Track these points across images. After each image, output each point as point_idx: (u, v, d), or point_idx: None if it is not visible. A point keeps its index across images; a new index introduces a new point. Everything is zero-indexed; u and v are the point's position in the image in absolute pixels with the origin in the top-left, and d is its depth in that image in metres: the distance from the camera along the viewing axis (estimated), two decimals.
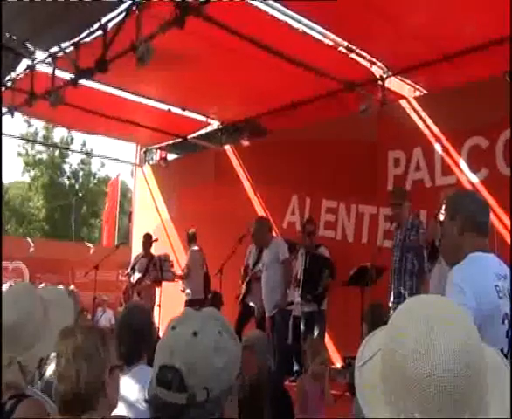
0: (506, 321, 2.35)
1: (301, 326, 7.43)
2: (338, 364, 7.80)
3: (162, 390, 1.17)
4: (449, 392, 1.01)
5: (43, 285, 9.23)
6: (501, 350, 2.25)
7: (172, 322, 1.25)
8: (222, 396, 1.19)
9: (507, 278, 2.44)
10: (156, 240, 9.48)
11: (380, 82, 7.83)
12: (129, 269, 9.22)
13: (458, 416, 1.02)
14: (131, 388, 2.79)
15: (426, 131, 7.45)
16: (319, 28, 6.83)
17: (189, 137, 11.20)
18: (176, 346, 1.18)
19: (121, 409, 2.56)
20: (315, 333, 7.19)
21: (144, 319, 3.02)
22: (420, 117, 7.55)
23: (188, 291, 9.02)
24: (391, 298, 5.99)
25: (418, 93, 8.04)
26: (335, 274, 7.36)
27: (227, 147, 10.68)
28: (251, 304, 7.83)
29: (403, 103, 7.90)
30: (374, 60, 7.47)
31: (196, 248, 9.16)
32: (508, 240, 6.22)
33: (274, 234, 8.00)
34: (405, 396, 1.04)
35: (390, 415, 1.08)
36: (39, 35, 6.79)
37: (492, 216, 5.19)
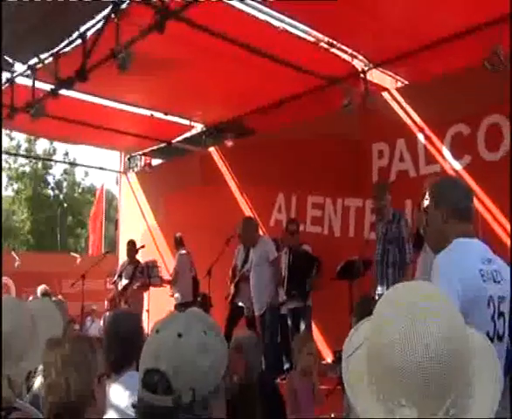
0: (491, 304, 2.37)
1: (289, 323, 7.47)
2: (329, 359, 7.84)
3: (148, 394, 1.16)
4: (433, 378, 1.02)
5: (31, 298, 9.15)
6: (487, 333, 2.28)
7: (156, 326, 1.23)
8: (209, 397, 1.18)
9: (491, 262, 2.47)
10: (143, 246, 9.47)
11: (362, 75, 7.89)
12: (116, 276, 9.21)
13: (442, 401, 1.03)
14: (120, 395, 2.78)
15: (409, 121, 7.51)
16: (299, 25, 6.86)
17: (173, 141, 11.19)
18: (160, 350, 1.17)
19: (111, 417, 2.57)
20: (302, 328, 7.24)
21: (132, 326, 3.00)
22: (402, 108, 7.61)
23: (177, 295, 8.98)
24: (376, 291, 6.05)
25: (399, 85, 8.10)
26: (321, 271, 7.42)
27: (212, 149, 10.68)
28: (240, 304, 7.85)
29: (385, 95, 7.96)
30: (355, 54, 7.51)
31: (183, 252, 9.14)
32: (494, 225, 6.32)
33: (261, 233, 8.03)
34: (391, 384, 1.05)
35: (376, 404, 1.09)
36: (18, 47, 6.74)
37: (476, 202, 5.27)
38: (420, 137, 7.38)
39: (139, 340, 2.92)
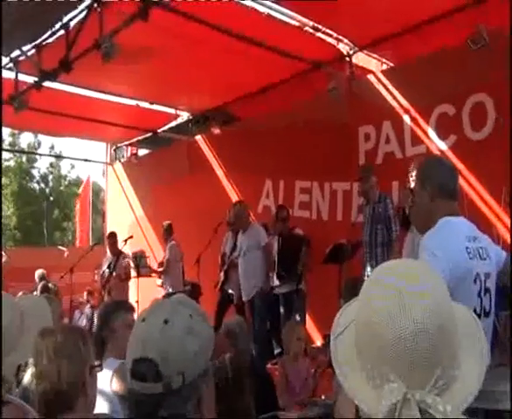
0: (477, 281, 2.41)
1: (281, 308, 7.51)
2: (318, 342, 7.90)
3: (137, 383, 1.16)
4: (420, 352, 1.04)
5: (20, 293, 9.14)
6: (474, 309, 2.32)
7: (141, 315, 1.24)
8: (198, 380, 1.19)
9: (476, 239, 2.51)
10: (131, 237, 9.42)
11: (347, 58, 7.89)
12: (101, 270, 9.22)
13: (431, 374, 1.05)
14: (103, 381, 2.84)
15: (395, 104, 7.53)
16: (284, 10, 6.84)
17: (159, 131, 11.14)
18: (147, 338, 1.17)
19: (101, 406, 2.59)
20: (295, 313, 7.26)
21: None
22: (388, 90, 7.62)
23: (167, 285, 8.95)
24: (366, 272, 6.11)
25: (385, 67, 8.12)
26: (310, 250, 7.47)
27: (198, 137, 10.64)
28: (230, 291, 7.87)
29: (370, 78, 7.97)
30: (340, 37, 7.52)
31: (174, 242, 9.11)
32: (479, 204, 6.39)
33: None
34: (380, 361, 1.07)
35: (365, 381, 1.11)
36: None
37: (461, 181, 5.32)
38: (406, 119, 7.41)
39: None
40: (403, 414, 1.01)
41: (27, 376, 2.55)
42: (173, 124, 10.84)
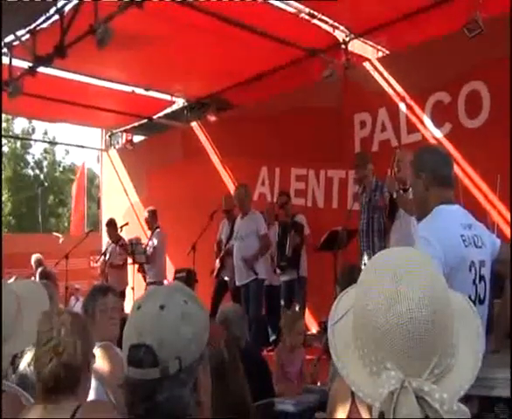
0: (473, 269, 2.44)
1: (281, 296, 7.53)
2: (314, 329, 7.94)
3: (134, 370, 1.17)
4: (417, 339, 1.05)
5: (13, 278, 9.15)
6: (469, 297, 2.34)
7: (136, 302, 1.24)
8: (194, 365, 1.20)
9: (471, 227, 2.53)
10: (127, 224, 9.41)
11: (343, 46, 7.88)
12: (101, 256, 9.22)
13: (428, 361, 1.06)
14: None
15: (390, 91, 7.53)
16: None
17: (154, 117, 11.10)
18: (143, 324, 1.18)
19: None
20: (295, 302, 7.27)
21: None
22: (384, 78, 7.62)
23: (151, 274, 8.76)
24: (362, 260, 6.10)
25: (380, 54, 8.11)
26: (301, 232, 7.48)
27: (194, 124, 10.62)
28: (226, 278, 7.88)
29: (366, 65, 7.96)
30: (336, 24, 7.50)
31: (160, 230, 9.09)
32: (474, 191, 6.42)
33: None
34: (376, 348, 1.08)
35: (362, 368, 1.12)
36: None
37: (456, 169, 5.34)
38: (402, 106, 7.41)
39: None
40: (400, 401, 1.02)
41: (23, 363, 2.56)
42: (168, 110, 10.80)
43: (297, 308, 6.91)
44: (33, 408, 1.86)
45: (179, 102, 10.54)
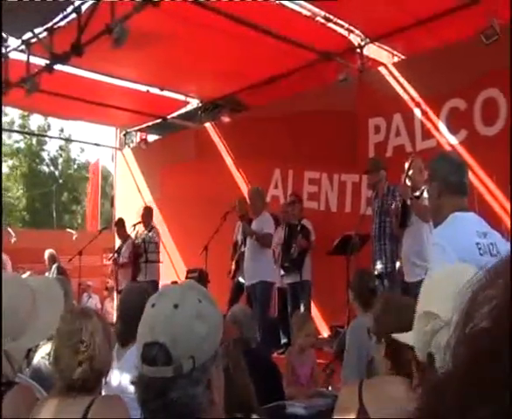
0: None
1: (288, 299, 7.52)
2: (325, 333, 7.91)
3: (147, 368, 1.18)
4: None
5: (28, 273, 9.22)
6: None
7: (151, 300, 1.25)
8: (208, 364, 1.21)
9: (487, 235, 2.50)
10: (140, 222, 9.43)
11: (358, 50, 7.85)
12: (114, 254, 9.25)
13: None
14: (122, 374, 2.85)
15: (406, 96, 7.50)
16: None
17: (168, 117, 11.14)
18: (157, 322, 1.19)
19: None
20: (301, 304, 7.26)
21: (140, 301, 3.03)
22: (399, 83, 7.59)
23: (146, 274, 8.54)
24: (375, 265, 6.08)
25: (396, 59, 8.07)
26: (310, 238, 7.47)
27: (207, 124, 10.64)
28: (241, 280, 7.87)
29: (381, 70, 7.93)
30: (352, 28, 7.48)
31: (155, 228, 9.09)
32: (489, 199, 6.36)
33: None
34: None
35: None
36: (12, 22, 6.66)
37: (471, 176, 5.29)
38: (417, 112, 7.37)
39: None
40: None
41: (37, 357, 2.57)
42: (182, 111, 10.84)
43: (302, 310, 6.92)
44: (47, 401, 1.88)
45: (193, 103, 10.58)
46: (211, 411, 1.23)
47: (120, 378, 2.87)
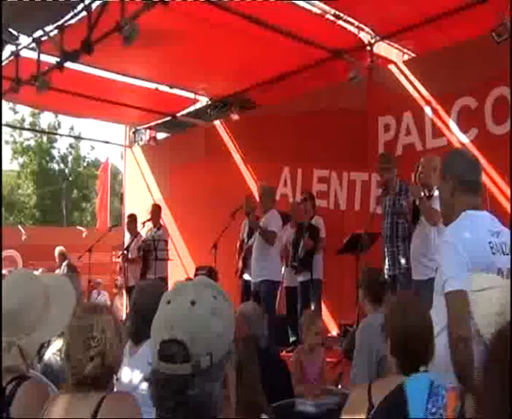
0: (500, 276, 2.40)
1: (298, 297, 7.50)
2: (334, 332, 7.90)
3: (165, 365, 1.17)
4: None
5: (40, 270, 9.28)
6: None
7: (165, 297, 1.24)
8: (224, 360, 1.21)
9: (500, 235, 2.48)
10: (150, 220, 9.44)
11: (368, 48, 7.82)
12: (124, 251, 9.28)
13: None
14: (134, 371, 2.86)
15: (416, 94, 7.46)
16: None
17: (178, 115, 11.15)
18: (175, 319, 1.19)
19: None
20: (311, 303, 7.23)
21: (154, 299, 3.02)
22: (409, 81, 7.55)
23: (155, 270, 8.51)
24: (387, 266, 5.99)
25: (406, 57, 8.03)
26: (316, 236, 7.43)
27: (217, 122, 10.64)
28: (248, 278, 7.87)
29: (392, 68, 7.89)
30: (362, 26, 7.44)
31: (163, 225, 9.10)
32: (501, 198, 6.31)
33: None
34: None
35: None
36: (22, 20, 6.70)
37: (482, 175, 5.25)
38: (427, 110, 7.34)
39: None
40: None
41: (48, 353, 2.59)
42: (192, 109, 10.84)
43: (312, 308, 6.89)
44: (59, 397, 1.89)
45: (202, 100, 10.58)
46: (226, 408, 1.24)
47: (132, 375, 2.88)
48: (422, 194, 5.11)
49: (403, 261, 5.81)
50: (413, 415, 1.58)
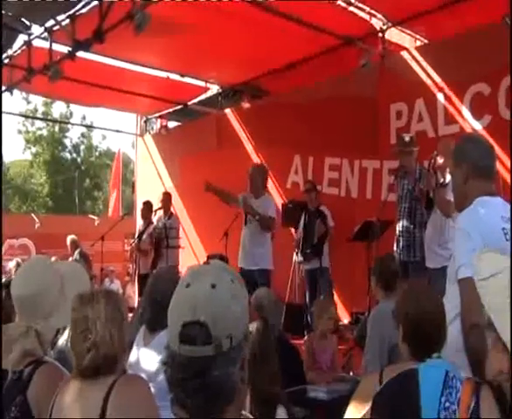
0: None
1: (307, 285, 7.49)
2: (346, 320, 7.91)
3: (187, 347, 1.18)
4: None
5: (53, 258, 9.36)
6: None
7: (184, 281, 1.25)
8: (242, 342, 1.23)
9: None
10: (161, 208, 9.46)
11: (380, 34, 7.76)
12: (136, 239, 9.33)
13: None
14: (151, 359, 2.88)
15: (428, 81, 7.40)
16: None
17: (189, 103, 11.15)
18: (196, 302, 1.19)
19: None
20: (322, 291, 7.21)
21: (170, 285, 3.02)
22: (422, 67, 7.48)
23: (170, 259, 8.52)
24: (400, 251, 5.87)
25: (418, 43, 7.96)
26: (325, 222, 7.43)
27: (228, 110, 10.63)
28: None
29: (404, 54, 7.83)
30: (373, 12, 7.39)
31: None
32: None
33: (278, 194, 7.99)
34: None
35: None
36: (35, 9, 6.72)
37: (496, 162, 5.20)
38: (440, 97, 7.28)
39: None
40: None
41: (62, 339, 2.64)
42: (203, 97, 10.83)
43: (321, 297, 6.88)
44: (71, 382, 1.92)
45: (213, 89, 10.57)
46: (242, 390, 1.26)
47: (148, 363, 2.90)
48: (435, 184, 5.05)
49: (419, 248, 5.70)
50: (425, 405, 1.57)
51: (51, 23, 7.21)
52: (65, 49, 7.39)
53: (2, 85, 7.43)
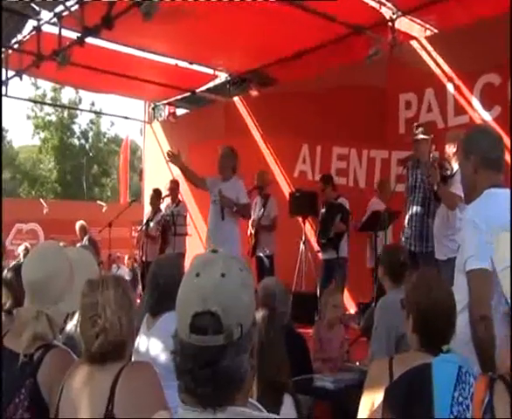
0: None
1: (322, 274, 7.48)
2: (352, 310, 7.92)
3: (197, 337, 1.19)
4: None
5: (61, 244, 9.41)
6: None
7: (193, 270, 1.25)
8: (251, 330, 1.25)
9: None
10: (169, 196, 9.47)
11: (390, 23, 7.70)
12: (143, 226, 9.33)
13: None
14: (153, 342, 2.91)
15: (438, 71, 7.36)
16: None
17: (197, 91, 11.13)
18: (207, 291, 1.20)
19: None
20: (335, 281, 7.18)
21: (172, 271, 3.05)
22: (431, 57, 7.44)
23: (178, 245, 8.42)
24: (411, 240, 5.62)
25: (428, 33, 7.90)
26: (347, 219, 7.37)
27: (236, 98, 10.61)
28: (261, 254, 7.88)
29: (414, 44, 7.77)
30: (383, 1, 7.35)
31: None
32: None
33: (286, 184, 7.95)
34: None
35: None
36: None
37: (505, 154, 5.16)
38: (449, 87, 7.24)
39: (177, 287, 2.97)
40: None
41: (70, 324, 2.66)
42: (211, 84, 10.82)
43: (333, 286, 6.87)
44: (80, 366, 1.94)
45: (222, 76, 10.54)
46: (250, 377, 1.27)
47: (150, 347, 2.93)
48: (439, 178, 4.99)
49: (431, 239, 5.49)
50: (438, 400, 1.57)
51: (60, 8, 7.22)
52: (74, 35, 7.40)
53: (1, 70, 7.40)
